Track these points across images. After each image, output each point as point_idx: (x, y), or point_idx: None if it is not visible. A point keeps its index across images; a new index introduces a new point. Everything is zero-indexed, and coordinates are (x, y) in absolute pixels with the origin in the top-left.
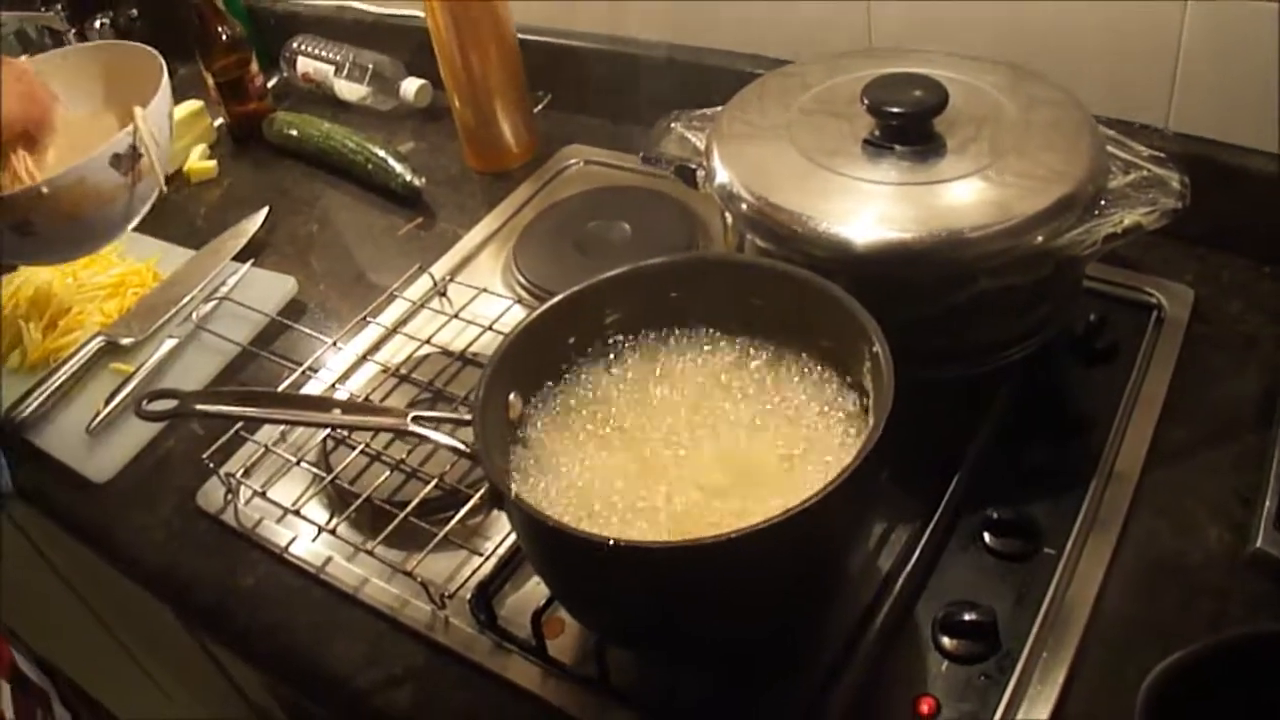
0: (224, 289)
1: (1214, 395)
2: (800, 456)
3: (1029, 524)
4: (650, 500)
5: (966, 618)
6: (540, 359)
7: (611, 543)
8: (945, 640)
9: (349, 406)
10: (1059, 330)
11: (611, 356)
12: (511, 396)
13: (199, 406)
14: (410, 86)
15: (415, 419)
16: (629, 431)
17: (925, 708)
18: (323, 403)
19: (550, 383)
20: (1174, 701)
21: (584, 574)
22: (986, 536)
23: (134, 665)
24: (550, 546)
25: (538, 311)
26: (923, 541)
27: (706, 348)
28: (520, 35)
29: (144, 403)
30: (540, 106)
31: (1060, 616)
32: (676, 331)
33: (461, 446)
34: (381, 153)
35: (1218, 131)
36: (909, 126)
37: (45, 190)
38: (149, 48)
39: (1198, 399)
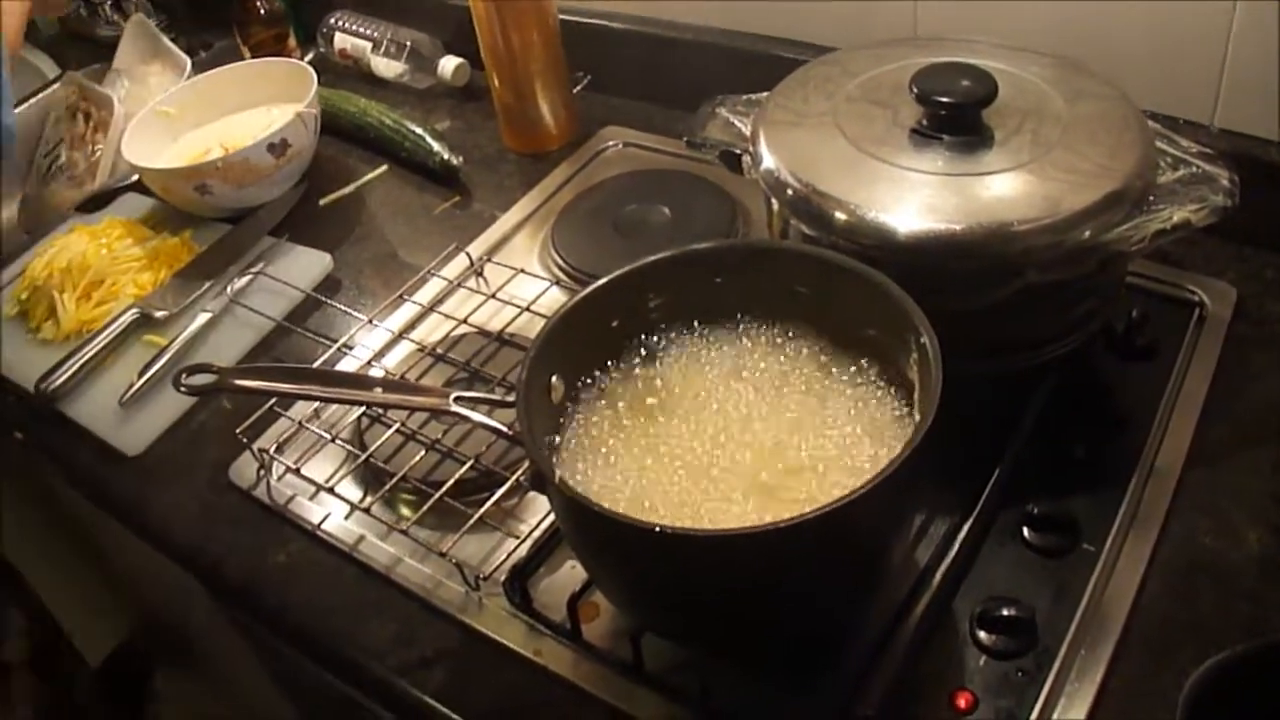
0: (259, 264)
1: (1255, 396)
2: (844, 447)
3: (1069, 520)
4: (691, 487)
5: (1005, 613)
6: (583, 342)
7: (658, 529)
8: (983, 635)
9: (390, 385)
10: (1101, 326)
11: (655, 341)
12: (554, 379)
13: (238, 381)
14: (448, 65)
15: (457, 399)
16: (670, 417)
17: (963, 702)
18: (363, 380)
19: (593, 366)
20: (1216, 702)
21: (627, 560)
22: (1026, 531)
23: None
24: (594, 532)
25: (582, 294)
26: (962, 535)
27: (750, 335)
28: (561, 16)
29: (182, 376)
30: (579, 87)
31: (1099, 614)
32: (720, 318)
33: (504, 428)
34: (419, 130)
35: (1264, 129)
36: (958, 117)
37: (219, 165)
38: (305, 65)
39: (1239, 399)
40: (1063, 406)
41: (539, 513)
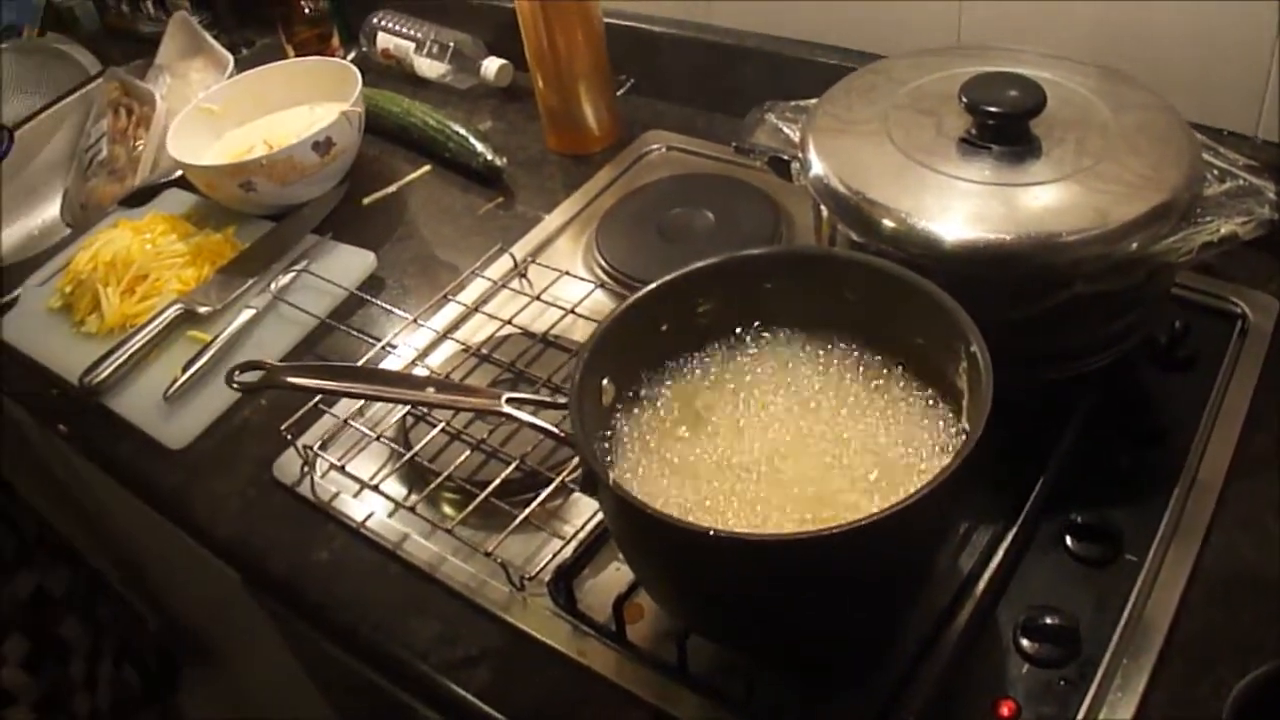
0: (302, 261)
1: None
2: (892, 456)
3: (1112, 530)
4: (740, 493)
5: (1048, 621)
6: (633, 346)
7: (712, 533)
8: (1026, 643)
9: (441, 384)
10: (1145, 337)
11: (704, 346)
12: (605, 382)
13: (290, 379)
14: (491, 66)
15: (508, 400)
16: (719, 422)
17: (1005, 710)
18: (414, 380)
19: (642, 370)
20: (1259, 715)
21: (678, 564)
22: (1069, 540)
23: None
24: (645, 534)
25: (634, 297)
26: (1005, 543)
27: (798, 341)
28: (605, 19)
29: (234, 373)
30: (623, 90)
31: (1141, 624)
32: (768, 323)
33: (556, 430)
34: (463, 131)
35: None
36: (1007, 126)
37: (264, 162)
38: (350, 65)
39: None
40: (1106, 417)
41: (584, 514)
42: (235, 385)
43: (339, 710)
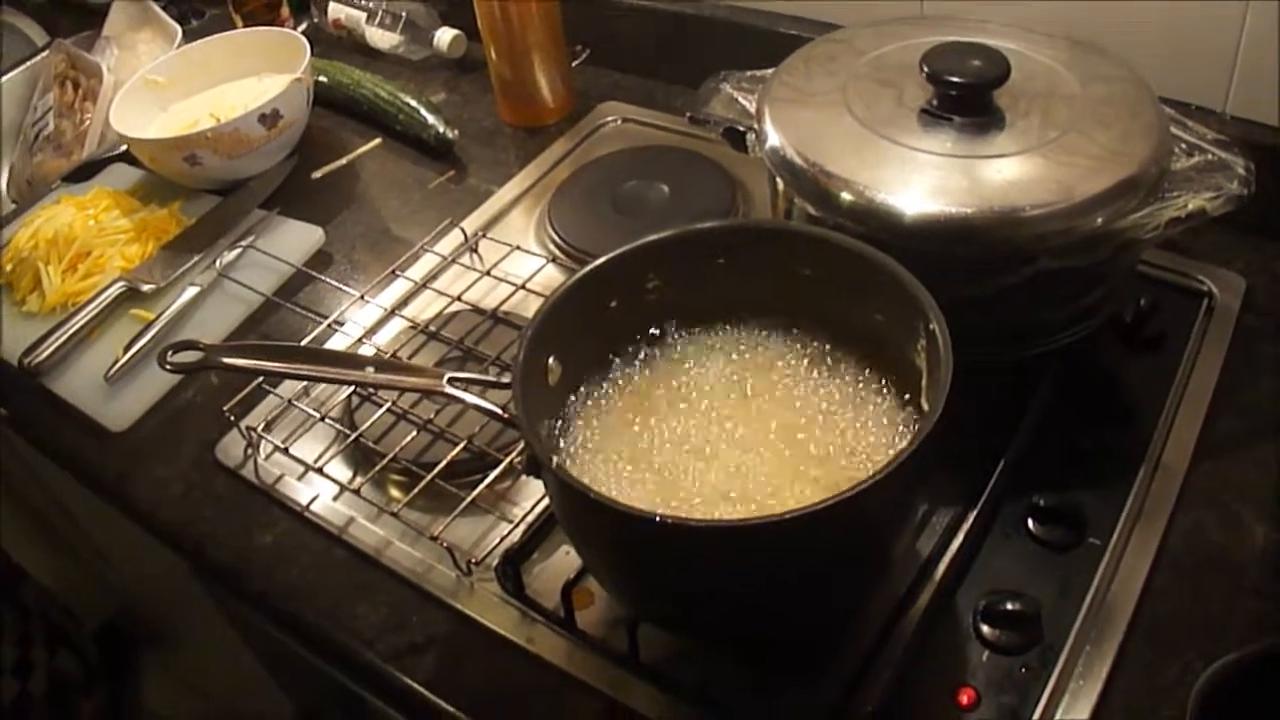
0: (249, 237)
1: (1264, 388)
2: (849, 436)
3: (1074, 512)
4: (689, 476)
5: (1009, 607)
6: (581, 323)
7: (659, 518)
8: (987, 630)
9: (382, 364)
10: (1110, 315)
11: (655, 323)
12: (551, 361)
13: (225, 359)
14: (444, 36)
15: (450, 380)
16: (672, 403)
17: (965, 698)
18: (354, 360)
19: (591, 348)
20: (1225, 704)
21: (625, 551)
22: (1031, 524)
23: None
24: (591, 520)
25: (580, 274)
26: (965, 526)
27: (752, 318)
28: None
29: (167, 353)
30: (578, 61)
31: (1105, 609)
32: (721, 300)
33: (499, 410)
34: (414, 103)
35: (1276, 117)
36: (969, 97)
37: (210, 135)
38: (299, 35)
39: (1248, 391)
40: (1069, 397)
41: (532, 496)
42: (168, 366)
43: (291, 694)
